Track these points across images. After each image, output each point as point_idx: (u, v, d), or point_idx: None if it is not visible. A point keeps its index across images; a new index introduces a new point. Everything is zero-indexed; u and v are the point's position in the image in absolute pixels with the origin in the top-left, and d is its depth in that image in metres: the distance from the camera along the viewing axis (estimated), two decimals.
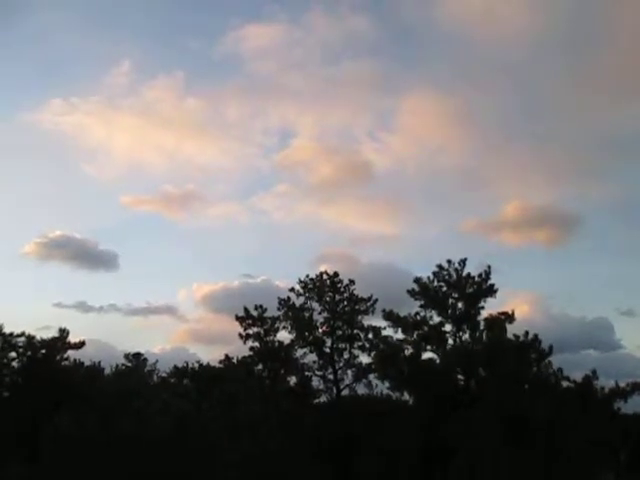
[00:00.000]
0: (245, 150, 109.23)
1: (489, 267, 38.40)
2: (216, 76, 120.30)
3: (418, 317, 38.54)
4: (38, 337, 41.28)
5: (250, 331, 40.60)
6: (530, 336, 36.62)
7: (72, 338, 42.15)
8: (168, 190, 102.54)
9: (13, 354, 40.97)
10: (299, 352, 40.14)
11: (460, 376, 37.73)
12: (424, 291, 38.77)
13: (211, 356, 79.69)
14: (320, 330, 40.10)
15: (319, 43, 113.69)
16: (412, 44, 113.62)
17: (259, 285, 66.44)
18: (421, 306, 38.66)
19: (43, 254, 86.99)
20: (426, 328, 38.38)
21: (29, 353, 40.90)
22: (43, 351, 41.37)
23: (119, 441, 36.83)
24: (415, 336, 38.35)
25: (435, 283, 38.77)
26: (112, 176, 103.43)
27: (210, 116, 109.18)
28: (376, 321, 40.12)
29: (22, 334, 41.03)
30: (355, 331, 39.88)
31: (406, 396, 38.88)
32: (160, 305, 79.51)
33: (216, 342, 72.42)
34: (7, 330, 40.66)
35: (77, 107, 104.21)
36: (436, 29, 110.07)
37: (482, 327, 37.48)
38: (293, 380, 40.46)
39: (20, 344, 40.81)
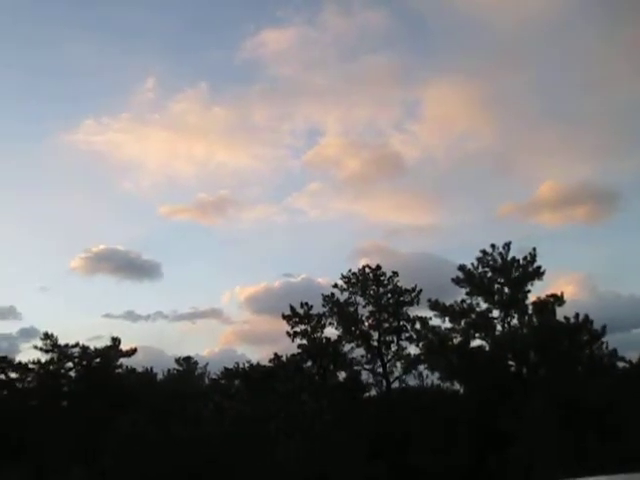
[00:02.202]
0: (274, 152, 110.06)
1: (534, 249, 37.75)
2: (239, 83, 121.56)
3: (465, 305, 38.14)
4: (92, 347, 42.42)
5: (297, 329, 40.89)
6: (581, 317, 35.84)
7: (123, 346, 43.11)
8: (203, 198, 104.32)
9: (69, 364, 42.24)
10: (347, 347, 40.27)
11: (511, 362, 37.22)
12: (469, 278, 38.36)
13: (259, 356, 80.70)
14: (366, 324, 40.13)
15: (336, 41, 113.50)
16: (429, 32, 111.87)
17: (300, 283, 66.77)
18: (467, 293, 38.26)
19: (89, 268, 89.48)
20: (473, 315, 37.96)
21: (84, 362, 42.09)
22: (97, 360, 42.48)
23: (176, 443, 37.69)
24: (463, 324, 37.97)
25: (480, 269, 38.31)
26: (148, 188, 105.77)
27: (237, 122, 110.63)
28: (422, 311, 39.95)
29: (76, 345, 42.23)
30: (401, 323, 39.76)
31: (457, 386, 38.65)
32: (205, 309, 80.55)
33: (263, 342, 73.24)
34: (62, 342, 41.89)
35: (108, 126, 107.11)
36: (452, 15, 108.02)
37: (530, 311, 36.84)
38: (342, 375, 40.58)
39: (75, 354, 42.04)
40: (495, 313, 37.40)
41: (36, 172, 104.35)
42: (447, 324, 38.13)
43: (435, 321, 38.64)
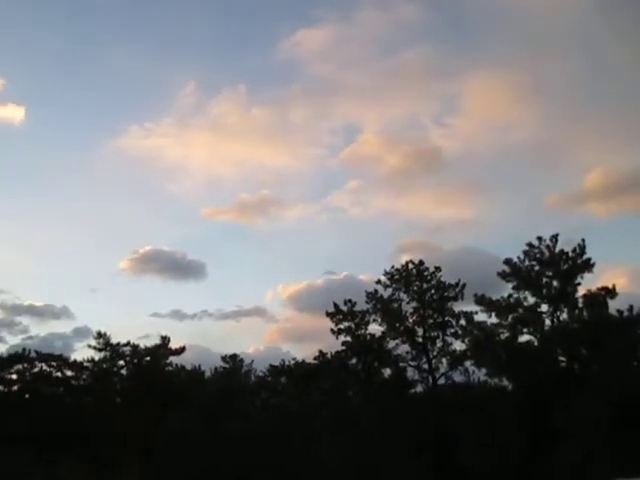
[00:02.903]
0: (314, 151, 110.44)
1: (583, 241, 36.63)
2: (277, 84, 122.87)
3: (511, 299, 37.33)
4: (142, 345, 43.56)
5: (341, 326, 40.88)
6: (635, 310, 34.42)
7: (171, 345, 44.06)
8: (244, 198, 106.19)
9: (121, 362, 43.52)
10: (391, 344, 40.01)
11: (562, 358, 36.16)
12: (516, 272, 37.47)
13: (303, 353, 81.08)
14: (410, 320, 39.74)
15: (372, 37, 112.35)
16: (466, 24, 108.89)
17: (342, 281, 66.80)
18: (514, 288, 37.46)
19: (137, 269, 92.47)
20: (521, 310, 37.10)
21: (135, 361, 43.27)
22: (148, 358, 43.60)
23: (224, 440, 38.30)
24: (510, 319, 37.17)
25: (526, 263, 37.40)
26: (192, 190, 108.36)
27: (276, 122, 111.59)
28: (466, 306, 39.28)
29: (127, 343, 43.44)
30: (446, 318, 39.19)
31: (505, 382, 37.77)
32: (249, 308, 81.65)
33: (306, 339, 73.56)
34: (113, 341, 43.19)
35: (152, 131, 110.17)
36: (489, 5, 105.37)
37: (581, 305, 35.70)
38: (388, 372, 40.33)
39: (126, 353, 43.26)
40: (543, 307, 36.61)
41: (86, 178, 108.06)
42: (493, 319, 37.55)
43: (481, 316, 38.10)
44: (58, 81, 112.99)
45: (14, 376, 43.43)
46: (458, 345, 38.70)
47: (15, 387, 43.66)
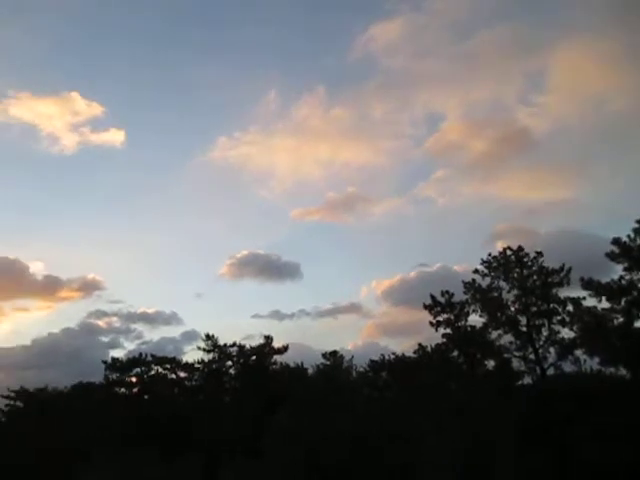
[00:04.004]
0: (396, 144, 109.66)
1: None
2: (354, 82, 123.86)
3: (623, 282, 34.50)
4: (247, 345, 45.18)
5: (440, 318, 39.95)
6: None
7: (274, 344, 45.28)
8: (332, 197, 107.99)
9: (229, 363, 45.38)
10: (494, 334, 38.41)
11: None
12: (626, 252, 34.59)
13: (401, 347, 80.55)
14: (512, 309, 37.95)
15: (445, 23, 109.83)
16: None
17: (436, 272, 65.62)
18: (625, 269, 34.59)
19: (235, 273, 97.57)
20: (635, 293, 34.22)
21: (241, 360, 44.93)
22: (253, 358, 45.14)
23: (330, 435, 38.67)
24: (623, 303, 34.39)
25: (638, 241, 34.43)
26: (280, 194, 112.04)
27: (357, 120, 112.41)
28: (573, 292, 36.87)
29: (234, 344, 45.31)
30: (551, 305, 37.01)
31: (622, 371, 35.04)
32: (345, 304, 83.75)
33: (404, 333, 73.25)
34: (220, 342, 45.13)
35: (239, 140, 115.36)
36: None
37: None
38: (491, 364, 38.84)
39: (233, 353, 45.05)
40: None
41: (182, 191, 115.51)
42: (604, 304, 34.82)
43: (589, 301, 35.48)
44: (151, 104, 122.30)
45: (134, 379, 46.72)
46: (566, 333, 36.46)
47: (135, 389, 46.91)
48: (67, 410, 45.62)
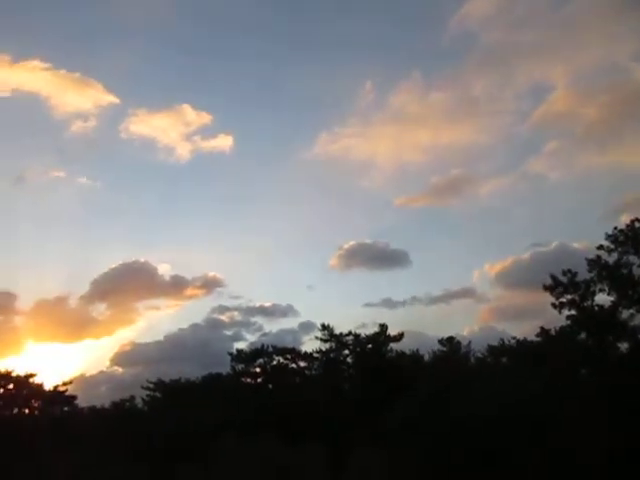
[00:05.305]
0: (501, 121, 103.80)
1: None
2: (451, 62, 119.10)
3: None
4: (362, 334, 45.44)
5: (563, 299, 37.57)
6: None
7: (388, 332, 45.09)
8: (436, 181, 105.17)
9: (346, 352, 45.95)
10: (625, 314, 35.49)
11: None
12: None
13: (521, 331, 76.81)
14: None
15: None
16: None
17: (553, 251, 61.67)
18: None
19: (344, 264, 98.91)
20: None
21: (358, 349, 45.30)
22: (369, 346, 45.32)
23: (451, 423, 37.88)
24: None
25: None
26: (383, 183, 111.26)
27: (456, 100, 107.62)
28: None
29: (349, 333, 45.78)
30: None
31: None
32: (457, 289, 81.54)
33: (522, 316, 69.42)
34: (336, 332, 45.77)
35: (340, 134, 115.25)
36: None
37: None
38: (625, 346, 35.96)
39: (349, 342, 45.54)
40: None
41: (288, 189, 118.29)
42: None
43: None
44: (253, 106, 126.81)
45: (257, 369, 48.79)
46: None
47: (260, 379, 48.98)
48: (200, 399, 48.66)
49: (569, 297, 37.38)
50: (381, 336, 45.40)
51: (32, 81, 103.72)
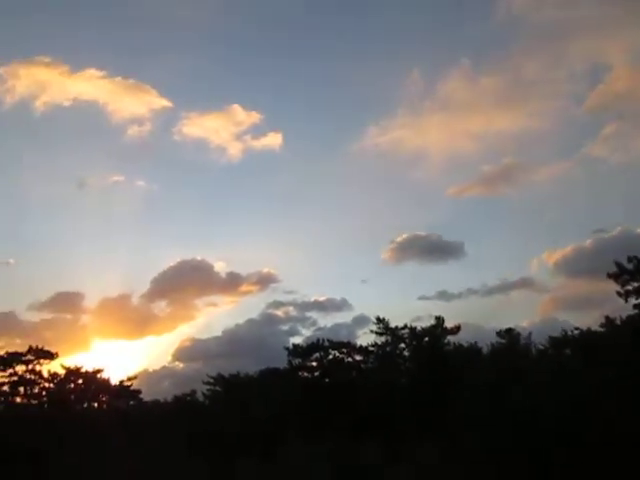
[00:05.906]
0: (554, 104, 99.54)
1: None
2: (501, 45, 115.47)
3: None
4: (418, 327, 44.81)
5: (629, 287, 35.94)
6: None
7: (445, 324, 44.26)
8: (487, 170, 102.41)
9: (402, 345, 45.43)
10: None
11: None
12: None
13: (583, 321, 73.75)
14: None
15: None
16: None
17: (617, 237, 58.60)
18: None
19: (398, 257, 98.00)
20: None
21: (414, 342, 44.68)
22: (426, 339, 44.62)
23: (512, 416, 36.80)
24: None
25: None
26: (434, 174, 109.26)
27: (507, 85, 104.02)
28: None
29: (405, 326, 45.21)
30: None
31: None
32: (515, 280, 78.96)
33: (585, 306, 66.55)
34: (391, 325, 45.30)
35: (387, 127, 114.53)
36: None
37: None
38: None
39: (405, 335, 44.98)
40: None
41: (339, 183, 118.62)
42: None
43: None
44: (301, 103, 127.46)
45: (314, 363, 48.90)
46: None
47: (316, 373, 49.09)
48: (260, 393, 49.26)
49: (635, 285, 35.74)
50: (437, 329, 44.62)
51: (89, 90, 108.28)
